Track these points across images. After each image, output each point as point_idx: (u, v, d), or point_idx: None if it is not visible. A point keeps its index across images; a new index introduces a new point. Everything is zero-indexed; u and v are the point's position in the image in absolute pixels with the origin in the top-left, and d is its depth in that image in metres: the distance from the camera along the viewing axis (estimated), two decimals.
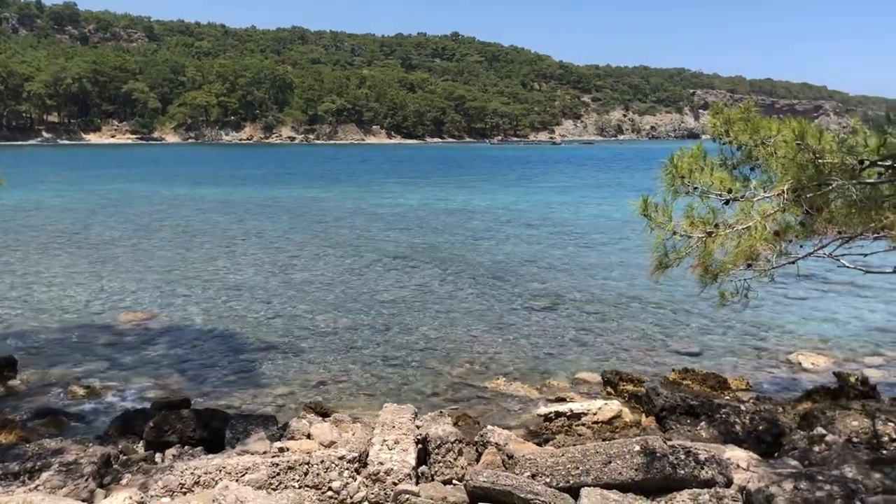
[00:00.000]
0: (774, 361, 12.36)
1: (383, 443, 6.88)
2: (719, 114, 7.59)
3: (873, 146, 7.13)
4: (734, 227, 6.68)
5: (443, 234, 28.37)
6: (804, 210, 7.06)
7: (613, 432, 8.90)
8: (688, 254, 6.81)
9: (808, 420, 8.69)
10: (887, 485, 6.64)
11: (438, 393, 10.86)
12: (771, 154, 7.20)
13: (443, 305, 16.30)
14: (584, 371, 11.80)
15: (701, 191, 6.96)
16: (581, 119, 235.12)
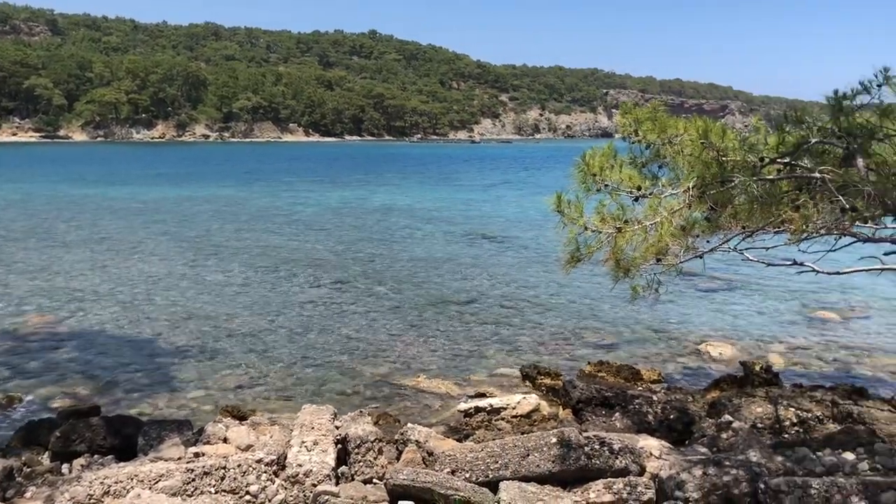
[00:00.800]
0: (685, 352, 12.81)
1: (302, 444, 6.80)
2: (628, 113, 7.82)
3: (773, 144, 7.49)
4: (643, 223, 6.90)
5: (362, 233, 28.24)
6: (709, 206, 7.34)
7: (532, 425, 9.04)
8: (599, 248, 7.00)
9: (716, 408, 9.04)
10: (788, 467, 6.99)
11: (359, 392, 10.81)
12: (678, 152, 7.46)
13: (362, 305, 16.23)
14: (503, 366, 11.96)
15: (611, 188, 7.16)
16: (499, 118, 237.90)
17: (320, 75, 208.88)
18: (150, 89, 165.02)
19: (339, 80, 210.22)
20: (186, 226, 29.86)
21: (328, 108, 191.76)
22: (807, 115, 7.59)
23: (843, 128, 7.08)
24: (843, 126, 7.08)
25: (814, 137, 7.17)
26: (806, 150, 7.23)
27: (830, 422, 8.63)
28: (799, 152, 7.23)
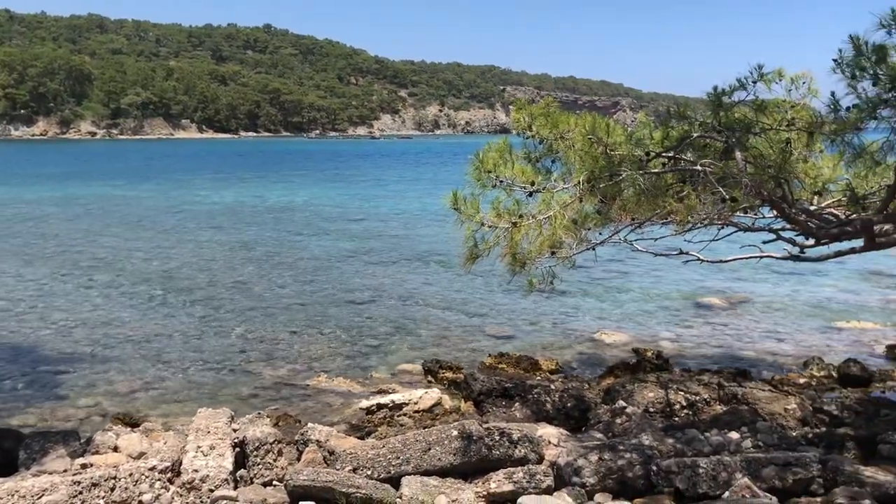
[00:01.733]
0: (581, 341, 13.18)
1: (198, 449, 6.61)
2: (522, 109, 7.96)
3: (658, 139, 7.77)
4: (537, 217, 7.05)
5: (259, 232, 27.65)
6: (599, 199, 7.57)
7: (434, 420, 9.09)
8: (496, 244, 7.10)
9: (610, 394, 9.35)
10: (678, 448, 7.30)
11: (258, 394, 10.59)
12: (569, 147, 7.64)
13: (261, 304, 15.90)
14: (405, 362, 11.97)
15: (506, 183, 7.28)
16: (399, 114, 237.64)
17: (213, 70, 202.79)
18: (28, 84, 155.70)
19: (233, 74, 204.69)
20: (73, 227, 28.44)
21: (222, 104, 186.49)
22: (689, 111, 7.93)
23: (722, 122, 7.43)
24: (723, 121, 7.44)
25: (696, 132, 7.50)
26: (689, 144, 7.55)
27: (717, 403, 9.07)
28: (682, 146, 7.54)
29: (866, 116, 7.03)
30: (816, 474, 6.17)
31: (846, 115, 7.12)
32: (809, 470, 6.18)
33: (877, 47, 6.71)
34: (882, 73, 6.83)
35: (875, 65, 6.84)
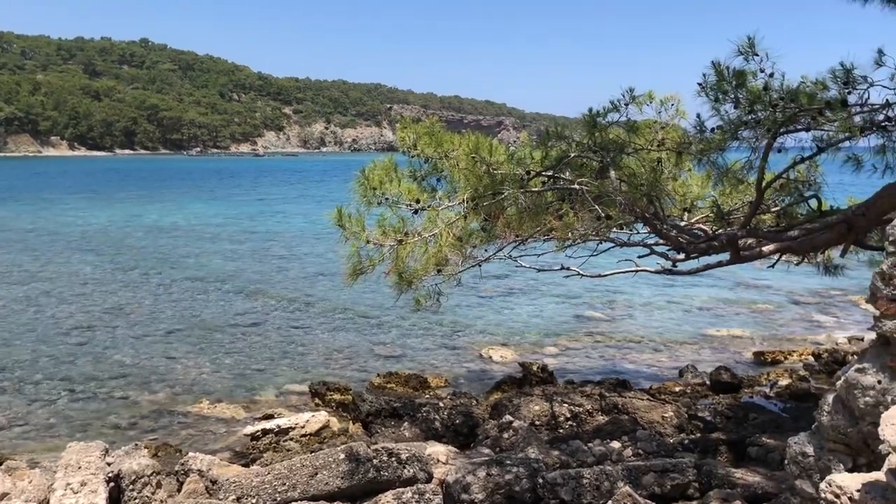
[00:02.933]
0: (469, 357, 13.30)
1: (67, 486, 6.21)
2: (407, 129, 7.99)
3: (538, 158, 7.98)
4: (423, 234, 7.08)
5: (137, 254, 26.46)
6: (483, 217, 7.69)
7: (322, 443, 8.92)
8: (381, 261, 7.08)
9: (498, 409, 9.46)
10: (563, 460, 7.46)
11: (135, 424, 10.08)
12: (454, 166, 7.73)
13: (139, 329, 15.19)
14: (291, 384, 11.72)
15: (392, 201, 7.28)
16: (284, 131, 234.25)
17: (86, 85, 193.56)
18: None
19: (107, 90, 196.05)
20: None
21: (96, 121, 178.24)
22: (566, 132, 8.20)
23: (597, 143, 7.72)
24: (598, 141, 7.73)
25: (573, 152, 7.75)
26: (566, 164, 7.79)
27: (599, 414, 9.35)
28: (561, 165, 7.77)
29: (729, 137, 7.49)
30: (692, 479, 6.44)
31: (711, 136, 7.56)
32: (686, 475, 6.44)
33: (737, 72, 7.17)
34: (742, 97, 7.30)
35: (736, 89, 7.30)
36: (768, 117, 7.06)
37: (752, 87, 7.13)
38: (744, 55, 6.94)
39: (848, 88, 7.01)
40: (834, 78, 7.00)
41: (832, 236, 7.53)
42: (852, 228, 7.29)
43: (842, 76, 6.96)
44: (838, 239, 7.60)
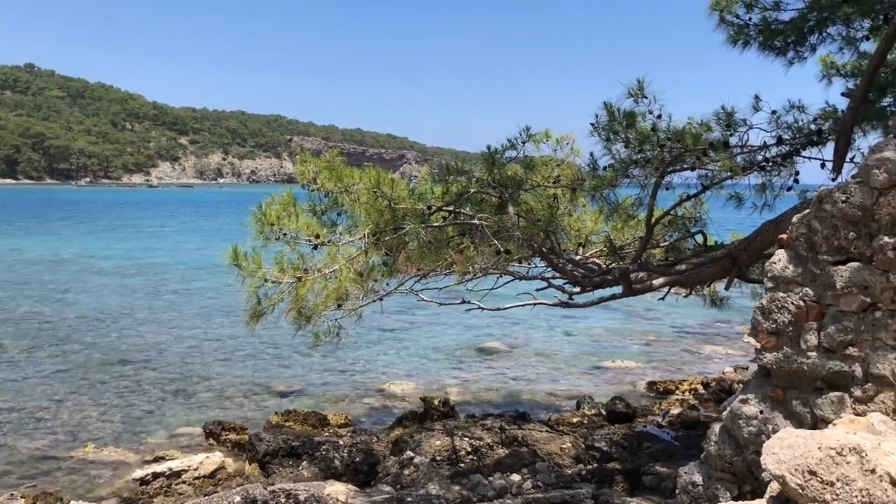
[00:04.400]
0: (370, 393, 13.15)
1: None
2: (307, 163, 7.92)
3: (439, 193, 8.06)
4: (323, 270, 6.99)
5: (17, 290, 24.92)
6: (385, 251, 7.68)
7: (216, 485, 8.60)
8: (281, 299, 6.94)
9: (398, 445, 9.37)
10: (464, 495, 7.45)
11: (10, 471, 9.41)
12: (355, 200, 7.70)
13: (17, 371, 14.27)
14: (184, 425, 11.25)
15: (290, 237, 7.18)
16: (179, 161, 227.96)
17: None
18: None
19: None
20: None
21: None
22: (467, 167, 8.32)
23: (496, 179, 7.87)
24: (497, 177, 7.88)
25: (473, 187, 7.87)
26: (467, 199, 7.90)
27: (500, 447, 9.40)
28: (461, 201, 7.88)
29: (620, 175, 7.79)
30: None
31: (603, 174, 7.85)
32: None
33: (627, 114, 7.48)
34: (632, 137, 7.62)
35: (626, 129, 7.62)
36: (656, 156, 7.40)
37: (642, 128, 7.46)
38: (634, 97, 7.27)
39: (730, 131, 7.44)
40: (717, 120, 7.42)
41: (717, 270, 7.90)
42: (735, 262, 7.68)
43: (724, 119, 7.39)
44: (722, 273, 7.97)
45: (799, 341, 3.45)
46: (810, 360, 3.41)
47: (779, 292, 3.54)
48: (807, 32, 8.02)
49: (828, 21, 7.88)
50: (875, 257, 3.25)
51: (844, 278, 3.31)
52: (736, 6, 8.05)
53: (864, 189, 3.27)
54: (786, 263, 3.53)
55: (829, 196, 3.37)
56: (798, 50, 8.23)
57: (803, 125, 7.64)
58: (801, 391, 3.45)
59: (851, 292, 3.29)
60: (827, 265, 3.38)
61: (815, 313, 3.42)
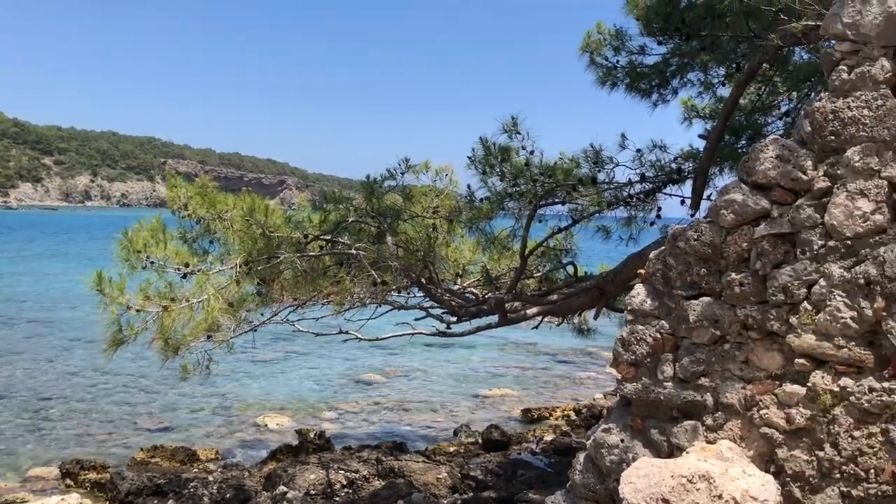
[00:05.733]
0: (243, 426, 12.73)
1: None
2: (178, 188, 7.66)
3: (316, 221, 7.98)
4: (191, 300, 6.74)
5: None
6: (259, 281, 7.50)
7: None
8: (145, 329, 6.63)
9: (271, 480, 9.10)
10: None
11: None
12: (228, 227, 7.50)
13: None
14: (39, 465, 10.49)
15: (158, 265, 6.89)
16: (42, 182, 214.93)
17: None
18: None
19: None
20: None
21: None
22: (345, 196, 8.28)
23: (375, 209, 7.88)
24: (376, 207, 7.88)
25: (352, 217, 7.84)
26: (345, 228, 7.86)
27: (376, 479, 9.30)
28: (339, 230, 7.82)
29: (496, 207, 7.98)
30: None
31: (480, 206, 8.01)
32: None
33: (502, 148, 7.69)
34: (507, 171, 7.83)
35: (501, 163, 7.82)
36: (530, 190, 7.64)
37: (516, 162, 7.68)
38: (508, 133, 7.49)
39: (597, 167, 7.78)
40: (586, 157, 7.74)
41: (586, 300, 8.20)
42: (603, 293, 7.99)
43: (592, 156, 7.72)
44: (591, 303, 8.28)
45: (656, 372, 3.62)
46: (666, 390, 3.57)
47: (638, 325, 3.70)
48: (669, 76, 8.51)
49: (688, 67, 8.41)
50: (724, 292, 3.46)
51: (697, 312, 3.50)
52: (605, 49, 8.44)
53: (714, 228, 3.48)
54: (644, 297, 3.70)
55: (683, 234, 3.57)
56: (661, 93, 8.72)
57: (665, 164, 8.10)
58: (659, 420, 3.61)
59: (703, 325, 3.49)
60: (681, 299, 3.57)
61: (670, 345, 3.59)
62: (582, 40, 8.44)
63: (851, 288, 3.11)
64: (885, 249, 3.04)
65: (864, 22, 3.11)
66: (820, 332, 3.18)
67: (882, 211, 3.06)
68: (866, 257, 3.08)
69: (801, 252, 3.25)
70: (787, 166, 3.30)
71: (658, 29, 7.49)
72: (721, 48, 7.47)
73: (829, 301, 3.15)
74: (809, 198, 3.25)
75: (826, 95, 3.25)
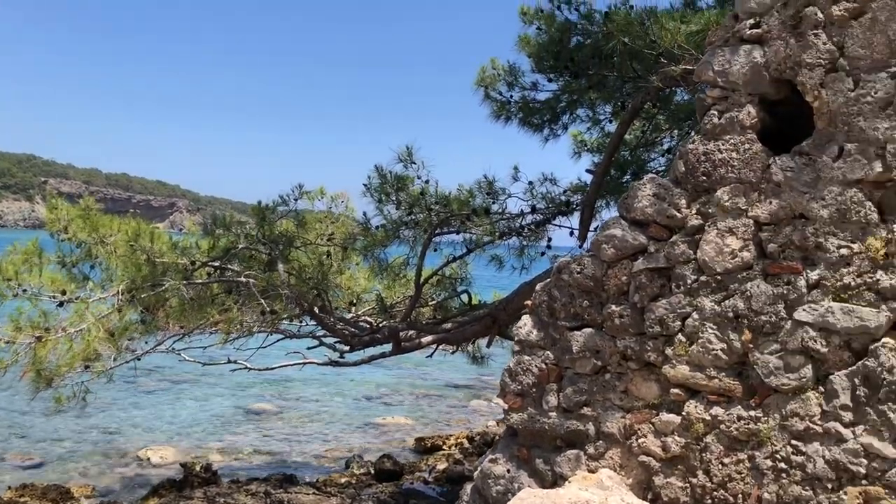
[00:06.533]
0: (124, 461, 12.10)
1: None
2: (57, 209, 7.31)
3: (205, 248, 7.76)
4: (68, 330, 6.41)
5: None
6: (142, 309, 7.21)
7: None
8: (15, 361, 6.24)
9: None
10: None
11: None
12: (111, 252, 7.20)
13: None
14: None
15: (32, 292, 6.53)
16: None
17: None
18: None
19: None
20: None
21: None
22: (236, 222, 8.11)
23: (266, 235, 7.74)
24: (267, 234, 7.75)
25: (242, 243, 7.68)
26: (235, 255, 7.68)
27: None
28: (229, 256, 7.64)
29: (391, 235, 8.00)
30: None
31: (375, 233, 8.01)
32: None
33: (398, 177, 7.73)
34: (403, 200, 7.87)
35: (397, 192, 7.86)
36: (425, 219, 7.70)
37: (412, 191, 7.74)
38: (404, 163, 7.55)
39: (491, 198, 7.94)
40: (479, 188, 7.88)
41: (480, 328, 8.30)
42: (496, 321, 8.11)
43: (485, 188, 7.86)
44: (485, 331, 8.39)
45: (542, 402, 3.69)
46: (551, 420, 3.65)
47: (524, 355, 3.77)
48: (560, 112, 8.81)
49: (577, 103, 8.72)
50: (605, 324, 3.58)
51: (579, 343, 3.61)
52: (499, 84, 8.65)
53: (596, 262, 3.61)
54: (530, 328, 3.79)
55: (567, 267, 3.68)
56: (552, 128, 9.01)
57: (555, 196, 8.34)
58: (544, 450, 3.68)
59: (585, 356, 3.59)
60: (565, 330, 3.67)
61: (555, 375, 3.68)
62: (477, 75, 8.63)
63: (721, 321, 3.28)
64: (751, 284, 3.22)
65: (733, 70, 3.32)
66: (693, 363, 3.34)
67: (749, 248, 3.26)
68: (735, 292, 3.26)
69: (676, 286, 3.41)
70: (663, 204, 3.46)
71: (548, 66, 7.75)
72: (608, 87, 7.78)
73: (701, 333, 3.31)
74: (683, 234, 3.42)
75: (699, 138, 3.44)
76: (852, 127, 3.03)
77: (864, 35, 3.01)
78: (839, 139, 3.08)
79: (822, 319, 3.04)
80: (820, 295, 3.08)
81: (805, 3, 3.16)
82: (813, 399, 3.08)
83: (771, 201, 3.20)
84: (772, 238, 3.20)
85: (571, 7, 7.33)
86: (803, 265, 3.13)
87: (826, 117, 3.11)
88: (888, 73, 2.97)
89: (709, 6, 6.83)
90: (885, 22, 2.96)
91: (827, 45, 3.10)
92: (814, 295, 3.09)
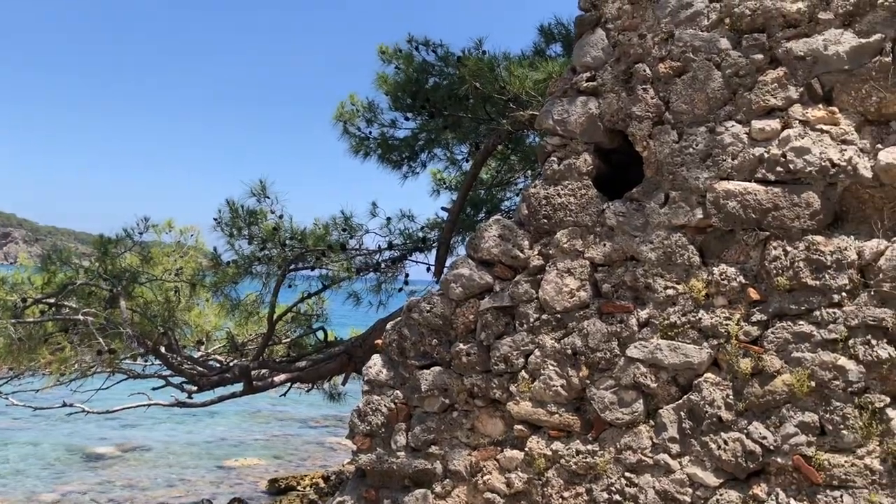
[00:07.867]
0: None
1: None
2: None
3: (39, 284, 7.25)
4: None
5: None
6: None
7: None
8: None
9: None
10: None
11: None
12: None
13: None
14: None
15: None
16: None
17: None
18: None
19: None
20: None
21: None
22: (74, 256, 7.64)
23: (108, 270, 7.34)
24: (109, 269, 7.35)
25: (81, 279, 7.23)
26: (73, 291, 7.22)
27: None
28: (66, 293, 7.17)
29: (243, 272, 7.78)
30: None
31: (226, 269, 7.76)
32: None
33: (250, 212, 7.57)
34: (256, 234, 7.70)
35: (249, 226, 7.68)
36: (279, 254, 7.56)
37: (266, 226, 7.58)
38: (256, 196, 7.39)
39: (348, 234, 7.91)
40: (335, 224, 7.83)
41: (335, 366, 8.20)
42: (352, 358, 8.04)
43: (342, 223, 7.83)
44: (341, 368, 8.29)
45: (390, 442, 3.68)
46: (399, 460, 3.64)
47: (374, 395, 3.76)
48: (418, 150, 8.95)
49: (435, 142, 8.89)
50: (453, 362, 3.63)
51: (428, 381, 3.64)
52: (358, 120, 8.69)
53: (445, 300, 3.66)
54: (380, 368, 3.78)
55: (417, 305, 3.72)
56: (411, 165, 9.12)
57: (412, 232, 8.42)
58: (392, 490, 3.66)
59: (434, 394, 3.62)
60: (414, 369, 3.69)
61: (404, 415, 3.68)
62: (336, 110, 8.63)
63: (561, 358, 3.41)
64: (588, 323, 3.38)
65: (571, 120, 3.51)
66: (535, 399, 3.44)
67: (585, 288, 3.42)
68: (573, 329, 3.40)
69: (520, 324, 3.52)
70: (508, 244, 3.58)
71: (406, 105, 7.87)
72: (463, 127, 8.00)
73: (542, 370, 3.43)
74: (526, 274, 3.54)
75: (540, 182, 3.59)
76: (676, 176, 3.27)
77: (686, 91, 3.27)
78: (665, 187, 3.31)
79: (652, 356, 3.23)
80: (649, 332, 3.27)
81: (635, 60, 3.40)
82: (644, 432, 3.24)
83: (605, 244, 3.39)
84: (606, 278, 3.38)
85: (429, 49, 7.51)
86: (634, 304, 3.32)
87: (654, 166, 3.33)
88: (707, 128, 3.23)
89: (557, 55, 7.21)
90: (703, 80, 3.23)
91: (654, 99, 3.34)
92: (644, 333, 3.28)
